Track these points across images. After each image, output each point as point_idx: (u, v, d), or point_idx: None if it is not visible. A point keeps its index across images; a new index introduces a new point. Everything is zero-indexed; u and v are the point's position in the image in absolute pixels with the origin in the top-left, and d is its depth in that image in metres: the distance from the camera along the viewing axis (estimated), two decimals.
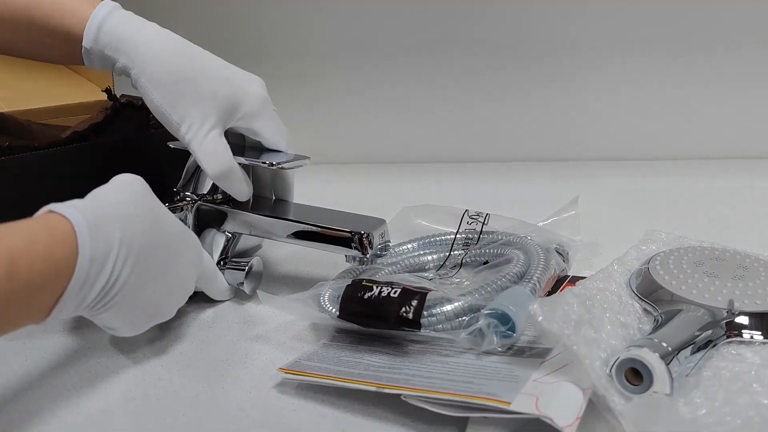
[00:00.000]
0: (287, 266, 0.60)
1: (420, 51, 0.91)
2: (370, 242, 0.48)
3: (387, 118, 0.95)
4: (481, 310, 0.41)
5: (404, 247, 0.57)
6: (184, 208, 0.51)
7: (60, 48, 0.49)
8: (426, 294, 0.42)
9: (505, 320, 0.40)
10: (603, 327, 0.40)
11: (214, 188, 0.52)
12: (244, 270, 0.52)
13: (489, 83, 0.90)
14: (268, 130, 0.52)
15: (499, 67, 0.89)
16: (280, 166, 0.50)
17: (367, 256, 0.48)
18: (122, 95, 0.62)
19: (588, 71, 0.87)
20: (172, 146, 0.52)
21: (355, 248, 0.48)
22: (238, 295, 0.53)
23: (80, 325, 0.50)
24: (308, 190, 0.58)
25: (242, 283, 0.52)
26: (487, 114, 0.92)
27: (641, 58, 0.85)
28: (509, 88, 0.90)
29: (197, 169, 0.52)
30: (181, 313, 0.51)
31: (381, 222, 0.51)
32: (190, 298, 0.54)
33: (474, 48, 0.89)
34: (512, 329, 0.40)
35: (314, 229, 0.50)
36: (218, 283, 0.51)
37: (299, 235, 0.50)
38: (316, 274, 0.57)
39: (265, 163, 0.51)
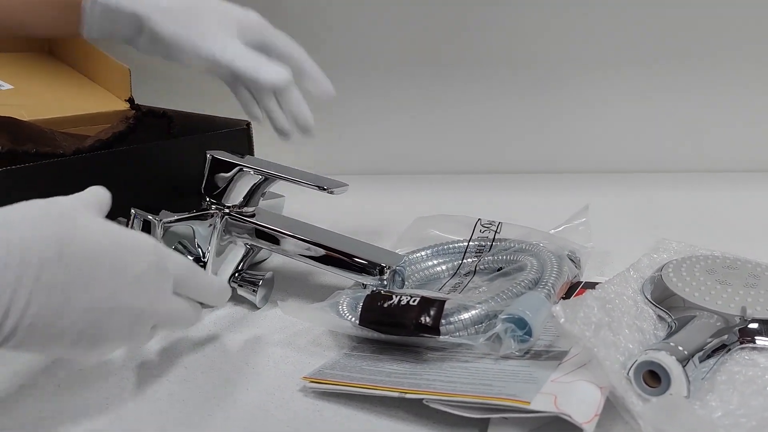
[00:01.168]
0: (299, 275, 0.61)
1: (435, 65, 0.92)
2: (393, 274, 0.50)
3: (402, 131, 0.96)
4: (498, 316, 0.42)
5: (418, 254, 0.58)
6: (214, 215, 0.52)
7: (58, 15, 0.50)
8: (444, 302, 0.43)
9: (521, 325, 0.41)
10: (621, 330, 0.41)
11: (244, 201, 0.54)
12: (258, 282, 0.53)
13: (502, 97, 0.92)
14: (278, 38, 0.55)
15: (512, 82, 0.91)
16: (330, 191, 0.51)
17: (385, 285, 0.50)
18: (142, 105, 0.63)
19: (599, 85, 0.89)
20: (217, 156, 0.53)
21: (378, 279, 0.50)
22: (255, 305, 0.55)
23: None
24: (325, 201, 0.59)
25: (255, 293, 0.53)
26: (500, 127, 0.93)
27: (651, 72, 0.87)
28: (522, 102, 0.92)
29: (231, 181, 0.53)
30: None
31: (400, 257, 0.53)
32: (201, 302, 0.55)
33: (489, 63, 0.91)
34: (529, 333, 0.41)
35: (340, 256, 0.51)
36: (206, 287, 0.44)
37: (323, 260, 0.52)
38: (328, 282, 0.59)
39: (317, 186, 0.52)
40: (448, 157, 0.96)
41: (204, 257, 0.52)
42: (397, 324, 0.44)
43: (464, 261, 0.57)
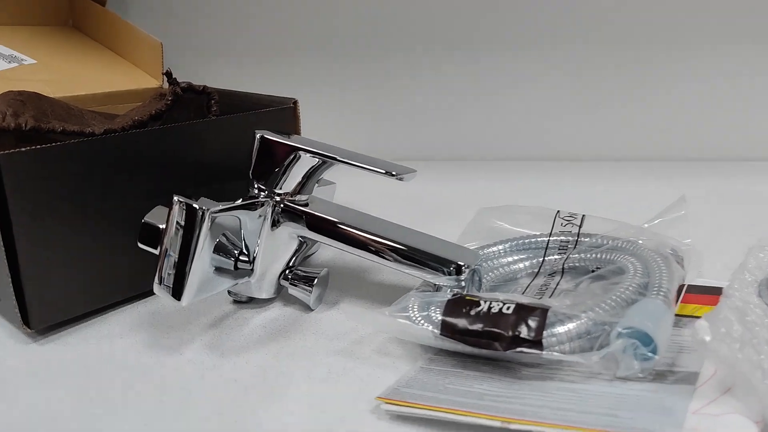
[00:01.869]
0: (352, 272, 0.55)
1: (499, 46, 0.85)
2: (472, 274, 0.44)
3: (460, 114, 0.89)
4: (614, 329, 0.35)
5: (492, 249, 0.51)
6: (265, 204, 0.45)
7: None
8: (547, 310, 0.37)
9: (646, 340, 0.34)
10: (762, 348, 0.34)
11: (297, 188, 0.47)
12: (313, 281, 0.47)
13: (578, 78, 0.84)
14: None
15: (590, 60, 0.83)
16: (400, 177, 0.44)
17: (463, 287, 0.43)
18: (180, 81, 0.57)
19: (684, 64, 0.80)
20: (267, 137, 0.47)
21: (455, 280, 0.43)
22: (307, 306, 0.49)
23: (150, 345, 0.45)
24: (382, 188, 0.53)
25: (309, 293, 0.47)
26: (578, 111, 0.85)
27: (748, 51, 0.78)
28: (599, 83, 0.83)
29: (285, 165, 0.46)
30: (246, 320, 0.46)
31: (477, 254, 0.46)
32: (245, 302, 0.49)
33: (561, 40, 0.83)
34: (654, 351, 0.34)
35: (410, 252, 0.44)
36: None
37: (389, 256, 0.45)
38: (386, 280, 0.52)
39: (385, 172, 0.45)
40: (510, 142, 0.89)
41: (252, 252, 0.45)
42: (490, 335, 0.37)
43: (546, 258, 0.50)
